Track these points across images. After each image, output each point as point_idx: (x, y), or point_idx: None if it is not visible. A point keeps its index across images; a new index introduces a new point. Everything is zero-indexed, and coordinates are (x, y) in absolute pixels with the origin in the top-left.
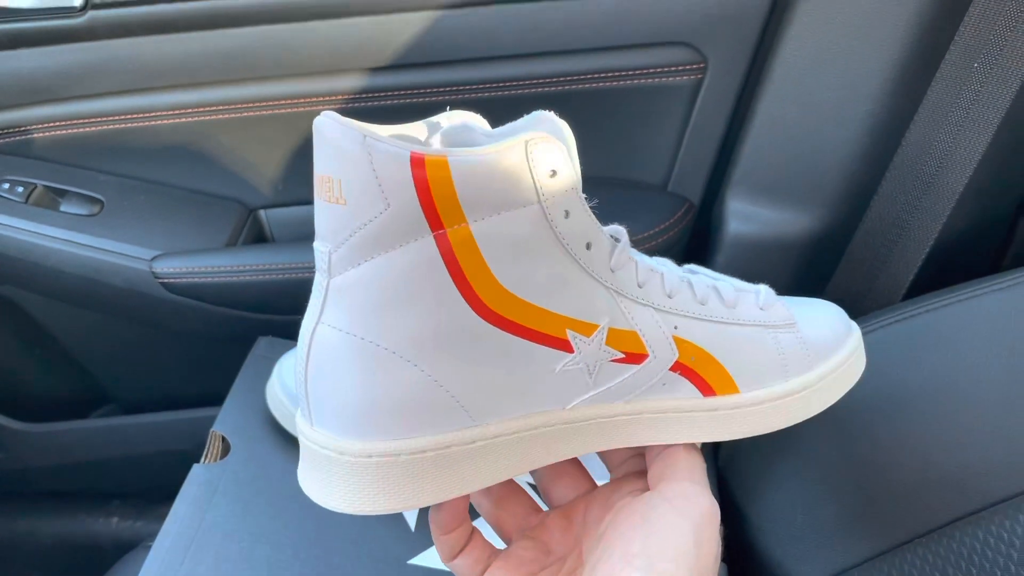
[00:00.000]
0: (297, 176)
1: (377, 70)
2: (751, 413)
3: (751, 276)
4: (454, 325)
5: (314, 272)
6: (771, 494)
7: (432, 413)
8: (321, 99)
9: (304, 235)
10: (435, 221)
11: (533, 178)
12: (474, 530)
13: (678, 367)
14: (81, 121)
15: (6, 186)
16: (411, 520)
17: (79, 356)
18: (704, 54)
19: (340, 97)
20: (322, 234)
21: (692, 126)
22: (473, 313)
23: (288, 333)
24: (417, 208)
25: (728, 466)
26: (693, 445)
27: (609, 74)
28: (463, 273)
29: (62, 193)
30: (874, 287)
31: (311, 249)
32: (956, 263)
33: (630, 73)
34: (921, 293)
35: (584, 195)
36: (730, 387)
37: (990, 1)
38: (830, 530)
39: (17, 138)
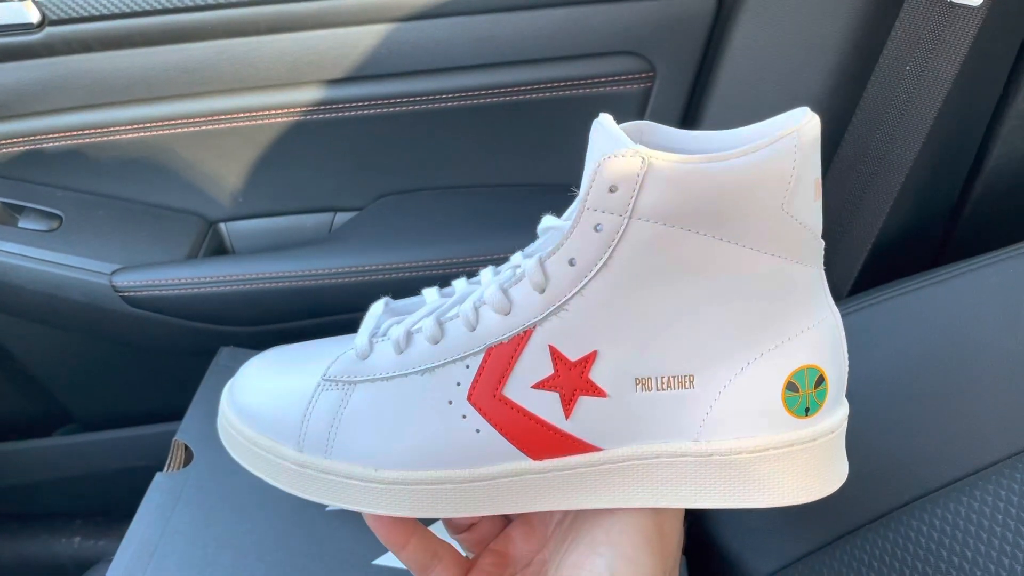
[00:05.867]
0: (257, 188)
1: (334, 82)
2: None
3: None
4: None
5: (276, 282)
6: None
7: None
8: (279, 111)
9: (264, 247)
10: None
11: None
12: (443, 545)
13: None
14: (39, 137)
15: None
16: None
17: (40, 375)
18: (652, 63)
19: (298, 109)
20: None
21: None
22: None
23: (249, 343)
24: None
25: None
26: None
27: (561, 84)
28: None
29: (20, 209)
30: None
31: (271, 260)
32: (898, 259)
33: (581, 82)
34: (866, 288)
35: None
36: None
37: (918, 7)
38: (781, 521)
39: None
